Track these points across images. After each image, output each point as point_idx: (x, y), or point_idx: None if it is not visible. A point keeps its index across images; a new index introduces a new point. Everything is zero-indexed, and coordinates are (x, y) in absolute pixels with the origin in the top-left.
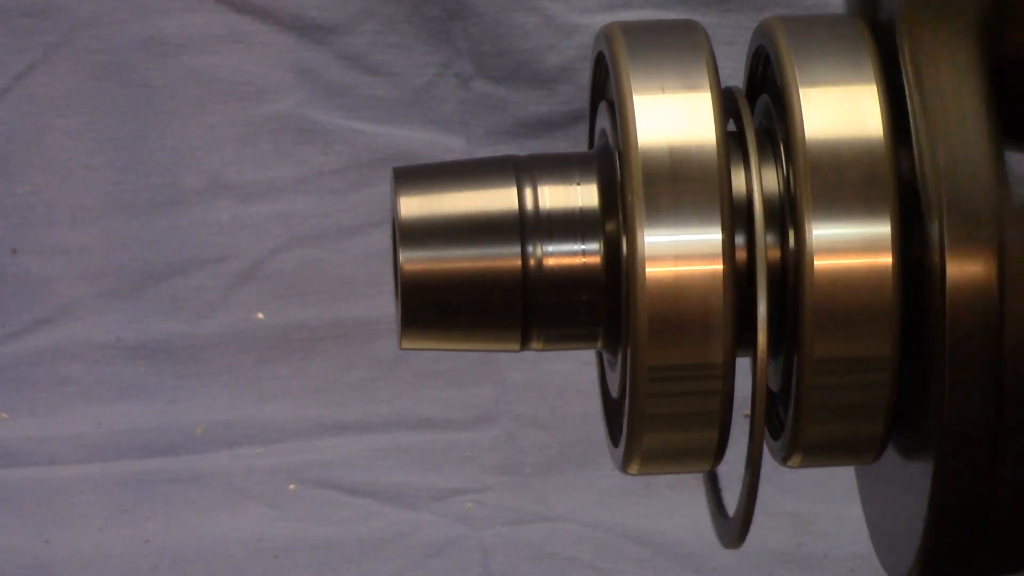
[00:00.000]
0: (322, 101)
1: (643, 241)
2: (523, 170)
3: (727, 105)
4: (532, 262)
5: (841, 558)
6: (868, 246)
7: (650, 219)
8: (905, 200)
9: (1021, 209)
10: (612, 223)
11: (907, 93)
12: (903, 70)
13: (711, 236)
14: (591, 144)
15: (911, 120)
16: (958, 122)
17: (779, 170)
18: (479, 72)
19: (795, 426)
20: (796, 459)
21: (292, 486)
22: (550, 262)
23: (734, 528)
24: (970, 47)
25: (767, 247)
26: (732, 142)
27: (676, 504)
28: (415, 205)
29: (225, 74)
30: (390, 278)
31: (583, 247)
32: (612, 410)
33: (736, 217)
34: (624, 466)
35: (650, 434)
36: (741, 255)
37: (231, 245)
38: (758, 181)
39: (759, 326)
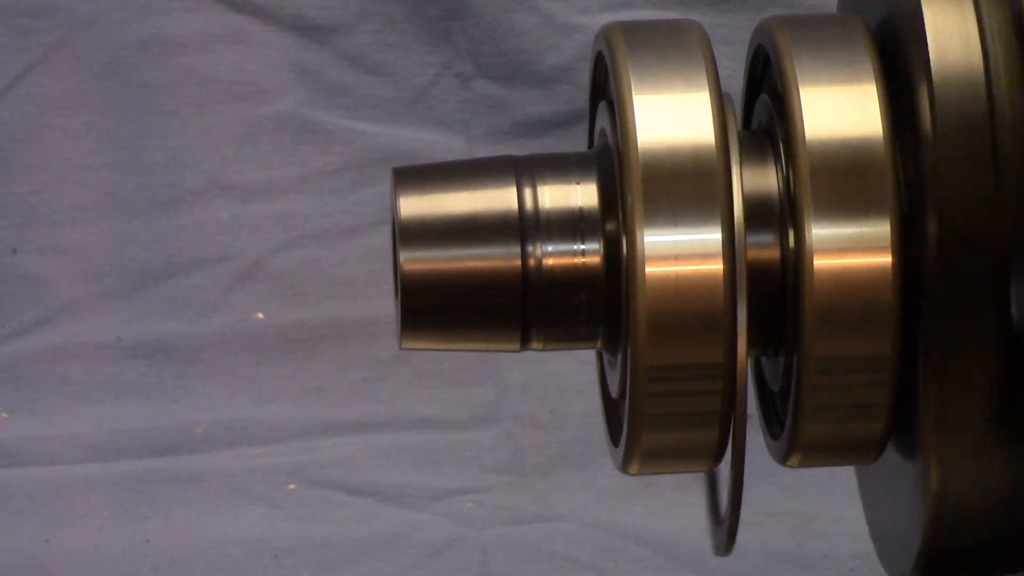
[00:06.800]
0: (322, 101)
1: (643, 241)
2: (523, 170)
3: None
4: (532, 262)
5: (841, 558)
6: (868, 246)
7: (649, 219)
8: (905, 200)
9: None
10: (612, 223)
11: None
12: None
13: (710, 236)
14: (591, 144)
15: None
16: None
17: (779, 170)
18: (479, 72)
19: (795, 426)
20: (796, 459)
21: (292, 486)
22: (550, 262)
23: (722, 536)
24: None
25: (748, 248)
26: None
27: (676, 504)
28: (415, 205)
29: (225, 74)
30: (390, 278)
31: (583, 247)
32: (612, 410)
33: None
34: (624, 466)
35: (650, 434)
36: None
37: (231, 245)
38: (739, 182)
39: (739, 330)
